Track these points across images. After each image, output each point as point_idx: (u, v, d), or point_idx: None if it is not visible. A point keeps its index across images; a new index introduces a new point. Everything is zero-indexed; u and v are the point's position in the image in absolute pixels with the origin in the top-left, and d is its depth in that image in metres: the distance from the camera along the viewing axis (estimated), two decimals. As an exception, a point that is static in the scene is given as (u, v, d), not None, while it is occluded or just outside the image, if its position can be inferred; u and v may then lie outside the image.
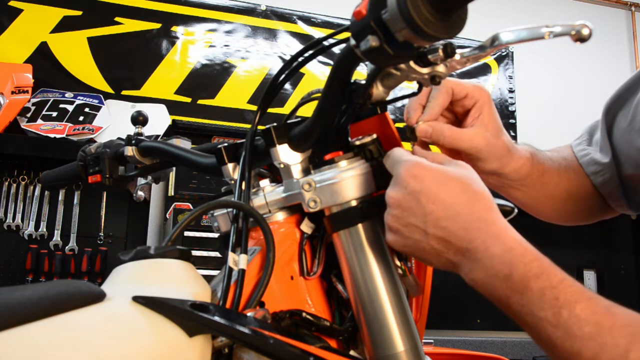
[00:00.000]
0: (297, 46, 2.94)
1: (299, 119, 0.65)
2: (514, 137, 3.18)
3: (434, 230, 0.54)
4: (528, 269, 0.51)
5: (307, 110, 0.64)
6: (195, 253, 2.15)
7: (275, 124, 0.64)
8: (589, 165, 0.88)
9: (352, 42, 0.52)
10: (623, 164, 0.84)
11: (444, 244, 0.54)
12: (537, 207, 0.87)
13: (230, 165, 0.69)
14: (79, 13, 2.63)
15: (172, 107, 2.63)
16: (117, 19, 2.68)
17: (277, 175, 0.67)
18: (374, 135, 0.64)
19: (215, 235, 0.71)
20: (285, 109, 2.75)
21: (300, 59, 0.69)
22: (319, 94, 0.62)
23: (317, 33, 2.97)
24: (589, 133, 0.93)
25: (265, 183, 0.69)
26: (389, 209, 0.58)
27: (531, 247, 0.53)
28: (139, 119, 0.93)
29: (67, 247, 2.33)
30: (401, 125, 0.72)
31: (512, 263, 0.51)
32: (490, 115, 0.72)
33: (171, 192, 2.34)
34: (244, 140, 0.68)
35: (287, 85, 2.78)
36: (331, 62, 0.80)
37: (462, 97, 0.72)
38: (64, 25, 2.59)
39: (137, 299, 0.48)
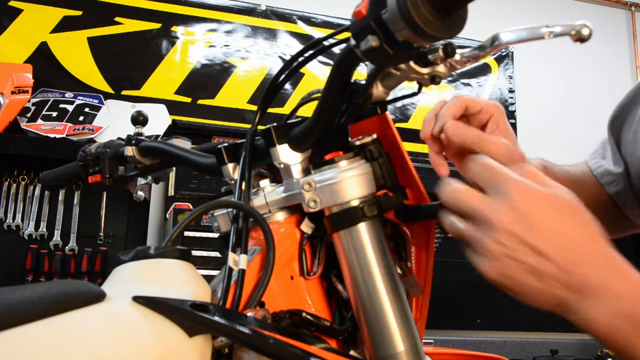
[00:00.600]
0: (297, 46, 2.94)
1: (299, 119, 0.65)
2: (514, 137, 3.17)
3: (547, 262, 0.48)
4: None
5: (307, 110, 0.64)
6: (195, 253, 2.15)
7: (275, 124, 0.64)
8: (603, 176, 0.89)
9: (352, 42, 0.52)
10: (632, 174, 0.85)
11: (557, 279, 0.48)
12: None
13: (230, 165, 0.69)
14: (79, 13, 2.63)
15: (172, 107, 2.63)
16: (117, 19, 2.68)
17: (277, 175, 0.67)
18: (374, 135, 0.63)
19: (215, 235, 0.70)
20: (285, 109, 2.75)
21: (300, 59, 0.69)
22: (319, 94, 0.62)
23: (317, 33, 2.97)
24: (602, 147, 0.95)
25: (265, 183, 0.69)
26: (492, 232, 0.50)
27: None
28: (139, 119, 0.93)
29: (67, 247, 2.34)
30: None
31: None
32: (506, 127, 0.72)
33: (171, 192, 2.34)
34: (244, 140, 0.68)
35: (287, 85, 2.78)
36: (331, 62, 0.80)
37: (476, 111, 0.71)
38: (64, 25, 2.60)
39: (137, 299, 0.48)
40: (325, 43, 0.67)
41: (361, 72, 0.57)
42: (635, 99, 0.87)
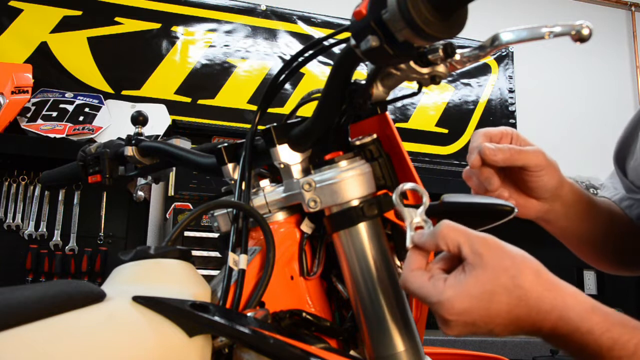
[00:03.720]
0: (297, 46, 2.94)
1: (299, 119, 0.65)
2: (514, 137, 3.17)
3: (504, 333, 0.53)
4: (599, 344, 0.51)
5: (307, 110, 0.64)
6: (195, 253, 2.15)
7: (275, 124, 0.64)
8: (623, 201, 0.90)
9: (352, 42, 0.52)
10: None
11: (514, 333, 0.54)
12: (592, 246, 0.87)
13: (230, 165, 0.69)
14: (79, 13, 2.63)
15: (172, 107, 2.63)
16: (117, 19, 2.68)
17: (277, 175, 0.67)
18: (374, 135, 0.64)
19: (215, 235, 0.71)
20: (285, 109, 2.74)
21: (300, 59, 0.69)
22: (319, 94, 0.62)
23: (317, 33, 2.97)
24: (611, 182, 0.96)
25: (265, 183, 0.69)
26: (447, 325, 0.53)
27: (598, 315, 0.52)
28: (139, 119, 0.93)
29: (67, 247, 2.33)
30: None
31: (581, 342, 0.52)
32: (526, 140, 0.75)
33: (171, 192, 2.34)
34: (244, 140, 0.68)
35: (287, 85, 2.77)
36: (331, 62, 0.80)
37: (498, 137, 0.74)
38: (64, 25, 2.59)
39: (137, 299, 0.48)
40: (325, 43, 0.67)
41: (361, 72, 0.57)
42: (634, 129, 0.88)
